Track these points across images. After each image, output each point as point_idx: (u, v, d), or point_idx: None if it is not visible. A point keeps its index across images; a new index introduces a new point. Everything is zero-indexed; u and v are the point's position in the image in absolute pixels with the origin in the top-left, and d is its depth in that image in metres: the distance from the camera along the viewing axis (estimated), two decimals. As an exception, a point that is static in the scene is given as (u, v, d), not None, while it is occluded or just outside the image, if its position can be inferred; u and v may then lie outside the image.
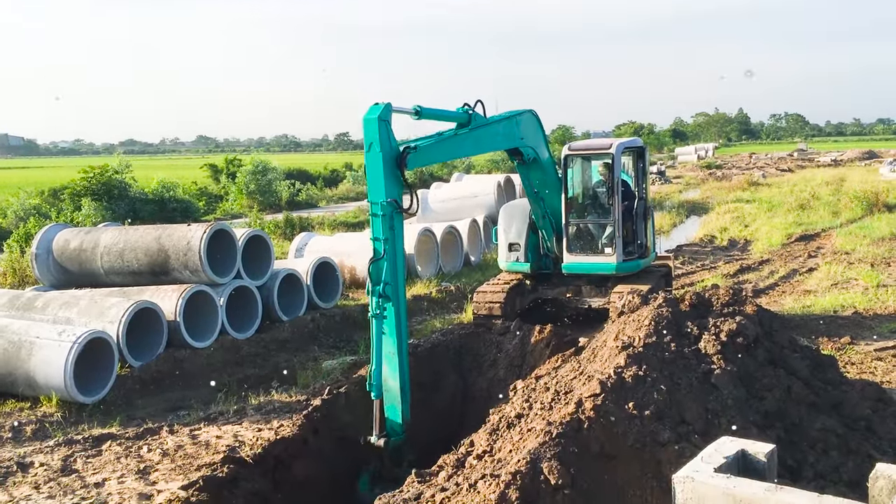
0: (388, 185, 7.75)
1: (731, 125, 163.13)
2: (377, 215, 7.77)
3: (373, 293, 7.73)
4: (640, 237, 12.38)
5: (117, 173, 27.24)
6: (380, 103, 7.79)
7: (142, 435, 8.70)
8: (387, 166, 7.74)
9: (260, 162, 37.63)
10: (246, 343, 12.35)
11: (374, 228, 7.80)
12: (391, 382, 7.79)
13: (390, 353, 7.78)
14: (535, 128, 11.35)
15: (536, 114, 11.46)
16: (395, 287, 7.83)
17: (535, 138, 11.33)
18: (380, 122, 7.62)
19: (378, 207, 7.75)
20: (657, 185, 43.74)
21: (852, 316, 12.28)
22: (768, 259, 18.56)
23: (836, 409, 6.09)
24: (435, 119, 9.35)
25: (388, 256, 7.74)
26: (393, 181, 7.81)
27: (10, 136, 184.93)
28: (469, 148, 9.90)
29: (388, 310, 7.74)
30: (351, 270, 16.70)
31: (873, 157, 67.44)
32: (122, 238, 12.91)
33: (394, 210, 7.75)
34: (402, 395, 7.77)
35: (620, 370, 5.75)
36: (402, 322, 7.88)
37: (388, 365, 7.78)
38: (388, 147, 7.77)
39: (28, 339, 10.06)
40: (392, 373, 7.79)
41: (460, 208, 21.89)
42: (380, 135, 7.67)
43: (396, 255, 7.86)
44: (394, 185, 7.81)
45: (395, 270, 7.84)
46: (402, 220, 7.92)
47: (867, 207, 25.79)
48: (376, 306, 7.71)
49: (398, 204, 7.84)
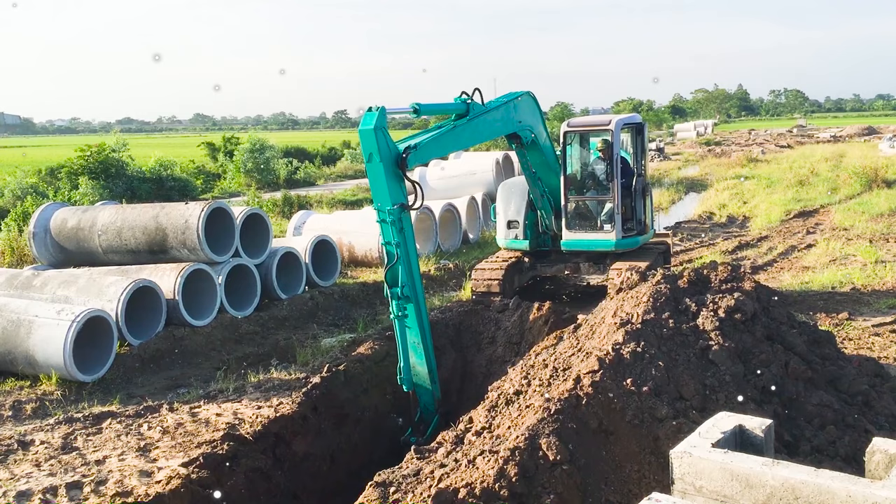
0: (393, 191, 7.82)
1: (731, 101, 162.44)
2: (386, 221, 7.86)
3: (392, 296, 7.93)
4: (639, 214, 12.36)
5: (114, 152, 27.12)
6: (373, 109, 7.76)
7: (142, 413, 8.73)
8: (388, 172, 7.79)
9: (257, 140, 37.48)
10: (245, 321, 12.36)
11: (385, 234, 7.92)
12: (419, 369, 8.19)
13: (415, 343, 8.10)
14: (532, 110, 11.31)
15: (534, 95, 11.41)
16: (413, 285, 8.00)
17: (533, 120, 11.29)
18: (377, 132, 7.63)
19: (385, 214, 7.84)
20: (656, 161, 43.67)
21: (850, 292, 12.30)
22: (767, 235, 18.56)
23: (833, 384, 6.12)
24: (433, 114, 9.44)
25: (402, 259, 7.89)
26: (396, 185, 7.88)
27: (6, 115, 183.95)
28: (468, 138, 9.92)
29: (409, 309, 7.98)
30: (349, 248, 16.68)
31: (873, 133, 67.24)
32: (120, 217, 12.88)
33: (401, 213, 7.85)
34: (430, 377, 8.24)
35: (619, 347, 5.77)
36: (423, 315, 8.13)
37: (415, 354, 8.15)
38: (388, 153, 7.80)
39: (27, 317, 10.06)
40: (419, 360, 8.17)
41: (459, 186, 21.85)
42: (378, 144, 7.69)
43: (409, 255, 8.00)
44: (398, 189, 7.90)
45: (410, 269, 8.01)
46: (409, 219, 8.02)
47: (866, 183, 25.75)
48: (397, 308, 7.95)
49: (404, 205, 7.92)
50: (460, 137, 9.61)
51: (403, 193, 7.98)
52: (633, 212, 12.30)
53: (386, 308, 13.32)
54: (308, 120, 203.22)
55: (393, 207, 7.80)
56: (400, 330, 8.04)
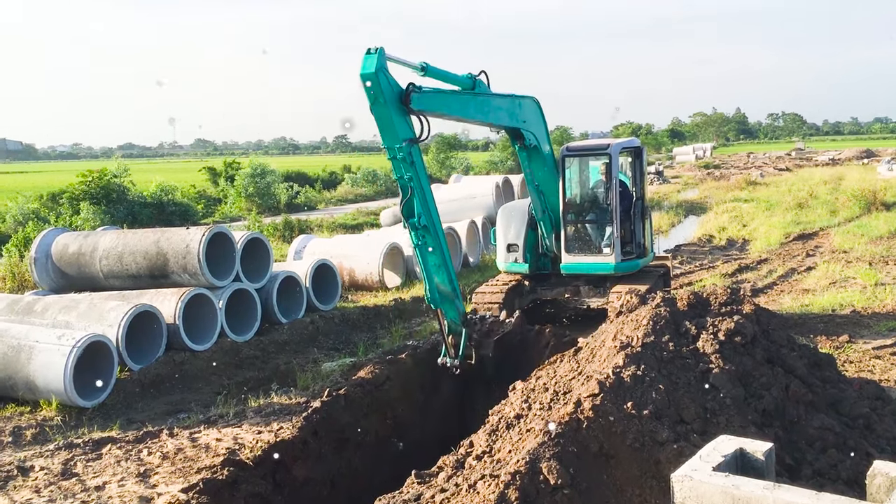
0: (400, 128, 8.21)
1: (729, 125, 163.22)
2: (395, 158, 8.29)
3: (410, 227, 8.52)
4: (639, 237, 12.39)
5: (116, 177, 27.24)
6: (371, 50, 7.99)
7: (142, 438, 8.70)
8: (393, 110, 8.13)
9: (258, 165, 37.65)
10: (245, 346, 12.36)
11: (396, 170, 8.37)
12: (442, 288, 8.85)
13: (437, 265, 8.72)
14: (536, 115, 11.45)
15: (538, 102, 11.54)
16: (429, 213, 8.52)
17: (536, 125, 11.43)
18: (378, 74, 7.92)
19: (395, 151, 8.25)
20: (655, 185, 43.79)
21: (850, 314, 12.30)
22: (766, 258, 18.58)
23: (834, 407, 6.11)
24: (440, 79, 9.76)
25: (416, 191, 8.36)
26: (403, 122, 8.26)
27: (8, 141, 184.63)
28: (473, 110, 10.17)
29: (427, 238, 8.56)
30: (350, 272, 16.70)
31: (871, 156, 67.48)
32: (121, 242, 12.91)
33: (410, 147, 8.27)
34: (454, 294, 8.96)
35: (619, 370, 5.77)
36: (441, 239, 8.67)
37: (437, 276, 8.78)
38: (391, 92, 8.11)
39: (28, 343, 10.06)
40: (442, 280, 8.80)
41: (459, 209, 21.89)
42: (381, 86, 7.97)
43: (423, 186, 8.45)
44: (404, 125, 8.28)
45: (425, 199, 8.49)
46: (419, 152, 8.48)
47: (865, 206, 25.82)
48: (416, 238, 8.57)
49: (413, 139, 8.32)
50: (466, 105, 9.94)
51: (410, 128, 8.34)
52: (632, 235, 12.33)
53: (387, 332, 13.41)
54: (309, 145, 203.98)
55: (402, 144, 8.19)
56: (421, 256, 8.66)
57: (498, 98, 10.61)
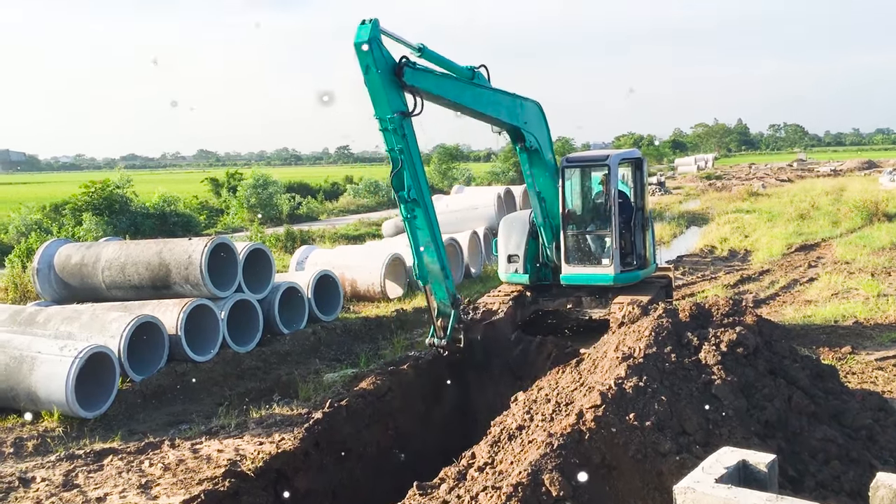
0: (391, 99, 8.33)
1: (731, 136, 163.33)
2: (387, 130, 8.41)
3: (400, 200, 8.62)
4: (639, 248, 12.39)
5: (118, 188, 27.30)
6: (366, 21, 8.13)
7: (143, 449, 8.69)
8: (386, 81, 8.26)
9: (261, 175, 37.74)
10: (247, 356, 12.35)
11: (388, 142, 8.46)
12: (432, 267, 8.92)
13: (427, 244, 8.79)
14: (538, 119, 11.50)
15: (541, 107, 11.58)
16: (419, 187, 8.61)
17: (538, 129, 11.47)
18: (371, 44, 8.12)
19: (386, 122, 8.38)
20: (657, 195, 43.79)
21: (853, 326, 12.28)
22: (768, 269, 18.56)
23: (837, 418, 6.09)
24: (437, 63, 9.75)
25: (406, 164, 8.48)
26: (395, 94, 8.37)
27: (11, 152, 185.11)
28: (469, 98, 10.19)
29: (416, 211, 8.65)
30: (352, 283, 16.71)
31: (873, 167, 67.56)
32: (124, 252, 12.93)
33: (402, 120, 8.38)
34: (443, 274, 9.04)
35: (621, 381, 5.76)
36: (431, 217, 8.76)
37: (427, 254, 8.84)
38: (384, 63, 8.25)
39: (30, 354, 10.07)
40: (431, 259, 8.87)
41: (461, 220, 21.92)
42: (374, 56, 8.13)
43: (414, 160, 8.56)
44: (396, 97, 8.40)
45: (416, 173, 8.59)
46: (411, 126, 8.56)
47: (867, 217, 25.81)
48: (406, 210, 8.66)
49: (405, 113, 8.44)
50: (462, 92, 9.97)
51: (403, 102, 8.45)
52: (632, 246, 12.33)
53: (388, 343, 13.40)
54: (311, 155, 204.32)
55: (393, 115, 8.31)
56: (411, 231, 8.76)
57: (498, 93, 10.67)
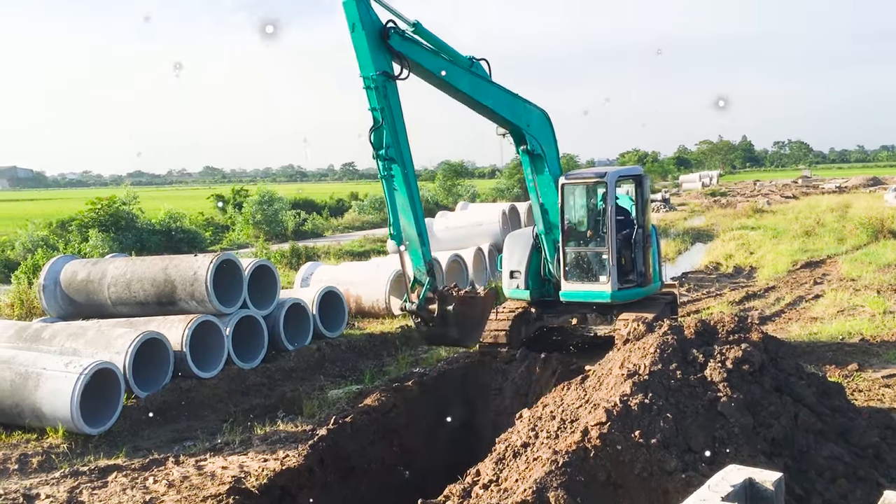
0: (376, 58, 8.69)
1: (735, 153, 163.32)
2: (370, 88, 8.74)
3: (377, 158, 8.84)
4: (640, 265, 12.33)
5: (125, 204, 27.44)
6: None
7: (147, 466, 8.67)
8: (371, 40, 8.64)
9: (266, 192, 37.88)
10: (252, 373, 12.35)
11: (370, 100, 8.78)
12: (409, 230, 9.01)
13: (404, 206, 8.90)
14: (543, 126, 11.58)
15: (548, 116, 11.65)
16: (399, 148, 8.83)
17: (542, 136, 11.55)
18: (359, 3, 8.50)
19: (369, 81, 8.72)
20: (662, 212, 43.78)
21: (859, 343, 12.22)
22: (774, 286, 18.52)
23: (843, 436, 6.07)
24: (432, 43, 9.92)
25: (386, 123, 8.75)
26: (379, 53, 8.73)
27: (18, 169, 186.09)
28: (465, 83, 10.35)
29: (394, 170, 8.82)
30: (357, 299, 16.71)
31: (878, 184, 67.48)
32: (129, 269, 12.97)
33: (385, 80, 8.73)
34: (420, 239, 9.14)
35: (626, 398, 5.75)
36: (410, 179, 8.93)
37: (404, 216, 8.95)
38: (370, 23, 8.64)
39: (35, 370, 10.08)
40: (408, 222, 8.96)
41: (465, 237, 21.94)
42: (360, 14, 8.49)
43: (395, 120, 8.83)
44: (381, 58, 8.75)
45: (396, 133, 8.84)
46: (396, 89, 8.88)
47: (872, 234, 25.75)
48: (383, 168, 8.85)
49: (389, 74, 8.78)
50: (457, 75, 10.19)
51: (387, 64, 8.80)
52: (633, 263, 12.29)
53: (393, 359, 13.39)
54: (316, 172, 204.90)
55: (376, 74, 8.66)
56: (388, 191, 8.93)
57: (499, 88, 10.80)
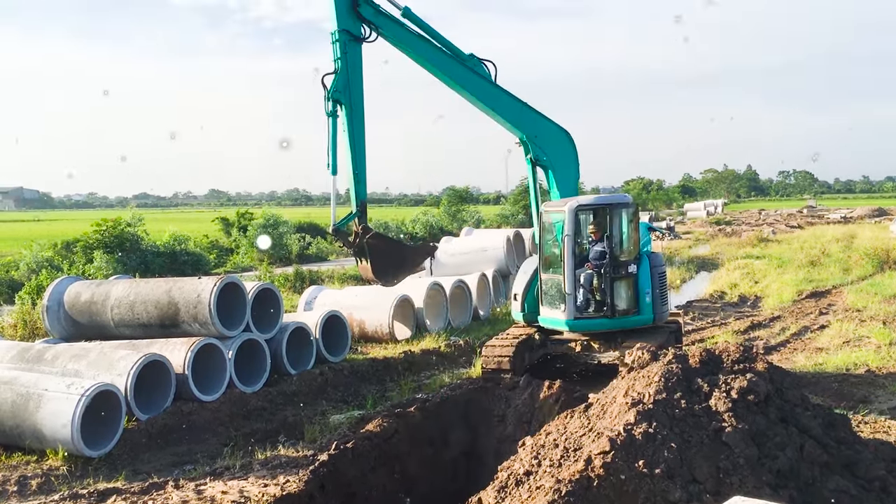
0: (341, 18, 10.26)
1: (740, 182, 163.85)
2: (334, 42, 10.42)
3: (326, 98, 10.35)
4: (616, 297, 12.23)
5: (130, 226, 27.52)
6: None
7: (147, 490, 8.62)
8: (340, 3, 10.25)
9: (271, 215, 38.01)
10: (254, 397, 12.30)
11: (333, 51, 10.41)
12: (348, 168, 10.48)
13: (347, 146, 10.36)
14: (559, 145, 11.87)
15: (569, 137, 11.77)
16: (349, 96, 10.37)
17: (555, 153, 11.74)
18: None
19: (334, 34, 10.38)
20: (667, 240, 43.72)
21: (865, 374, 12.15)
22: (779, 316, 18.46)
23: (849, 469, 6.01)
24: (426, 32, 11.04)
25: (340, 72, 10.34)
26: (345, 16, 10.26)
27: (25, 190, 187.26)
28: (459, 76, 11.25)
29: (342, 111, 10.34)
30: (360, 324, 16.70)
31: (883, 215, 67.48)
32: (133, 291, 12.98)
33: (348, 38, 10.37)
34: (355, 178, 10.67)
35: (630, 427, 5.71)
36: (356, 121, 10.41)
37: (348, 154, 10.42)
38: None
39: (37, 391, 10.06)
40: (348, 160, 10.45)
41: (470, 262, 21.94)
42: None
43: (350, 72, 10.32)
44: (347, 19, 10.28)
45: (349, 83, 10.34)
46: (358, 51, 10.52)
47: (878, 264, 25.70)
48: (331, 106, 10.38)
49: (351, 34, 10.38)
50: (446, 64, 11.18)
51: (353, 26, 10.37)
52: (605, 294, 12.21)
53: (395, 384, 13.34)
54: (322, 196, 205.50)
55: (339, 31, 10.27)
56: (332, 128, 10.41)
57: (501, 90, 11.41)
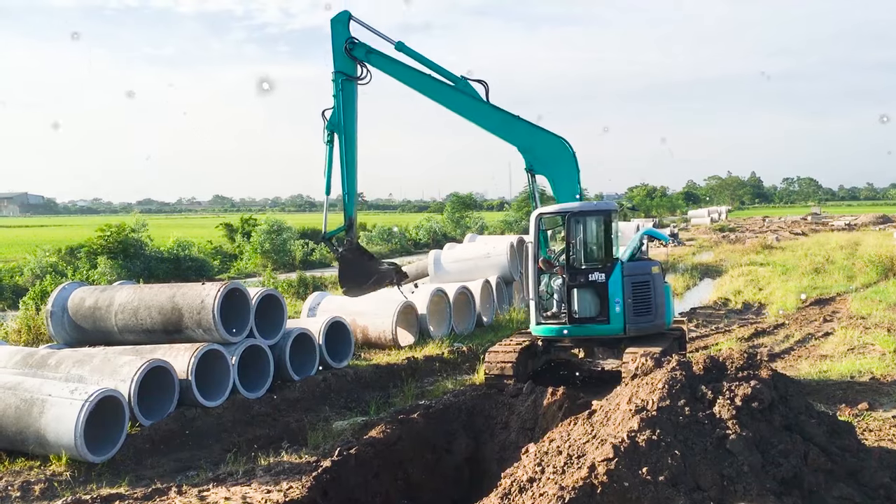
0: (337, 61, 11.93)
1: (744, 188, 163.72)
2: (333, 80, 12.04)
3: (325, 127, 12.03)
4: (576, 304, 12.12)
5: (133, 232, 27.59)
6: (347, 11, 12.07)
7: (150, 496, 8.61)
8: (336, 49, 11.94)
9: (275, 221, 38.06)
10: (257, 402, 12.29)
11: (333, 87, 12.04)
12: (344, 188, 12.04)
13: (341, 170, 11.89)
14: (556, 154, 11.83)
15: (568, 146, 11.77)
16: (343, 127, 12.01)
17: (552, 163, 11.87)
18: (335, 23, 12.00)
19: (333, 75, 12.03)
20: (670, 247, 43.65)
21: (869, 382, 12.12)
22: (783, 323, 18.42)
23: (854, 476, 5.99)
24: (419, 62, 12.19)
25: (336, 105, 11.94)
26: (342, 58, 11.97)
27: (29, 195, 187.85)
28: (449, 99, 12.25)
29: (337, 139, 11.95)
30: (363, 330, 16.69)
31: (887, 222, 67.38)
32: (137, 296, 12.99)
33: (344, 78, 11.98)
34: (347, 198, 12.22)
35: (634, 434, 5.70)
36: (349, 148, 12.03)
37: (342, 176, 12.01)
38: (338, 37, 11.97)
39: (40, 396, 10.06)
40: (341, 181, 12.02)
41: (473, 269, 21.89)
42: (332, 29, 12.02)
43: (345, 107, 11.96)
44: (342, 61, 11.95)
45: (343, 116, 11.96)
46: (353, 89, 12.13)
47: (882, 272, 25.64)
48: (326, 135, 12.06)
49: (346, 74, 11.99)
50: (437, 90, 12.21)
51: (349, 67, 11.97)
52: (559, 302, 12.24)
53: (399, 390, 13.32)
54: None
55: (336, 72, 11.93)
56: (328, 153, 12.11)
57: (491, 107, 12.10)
